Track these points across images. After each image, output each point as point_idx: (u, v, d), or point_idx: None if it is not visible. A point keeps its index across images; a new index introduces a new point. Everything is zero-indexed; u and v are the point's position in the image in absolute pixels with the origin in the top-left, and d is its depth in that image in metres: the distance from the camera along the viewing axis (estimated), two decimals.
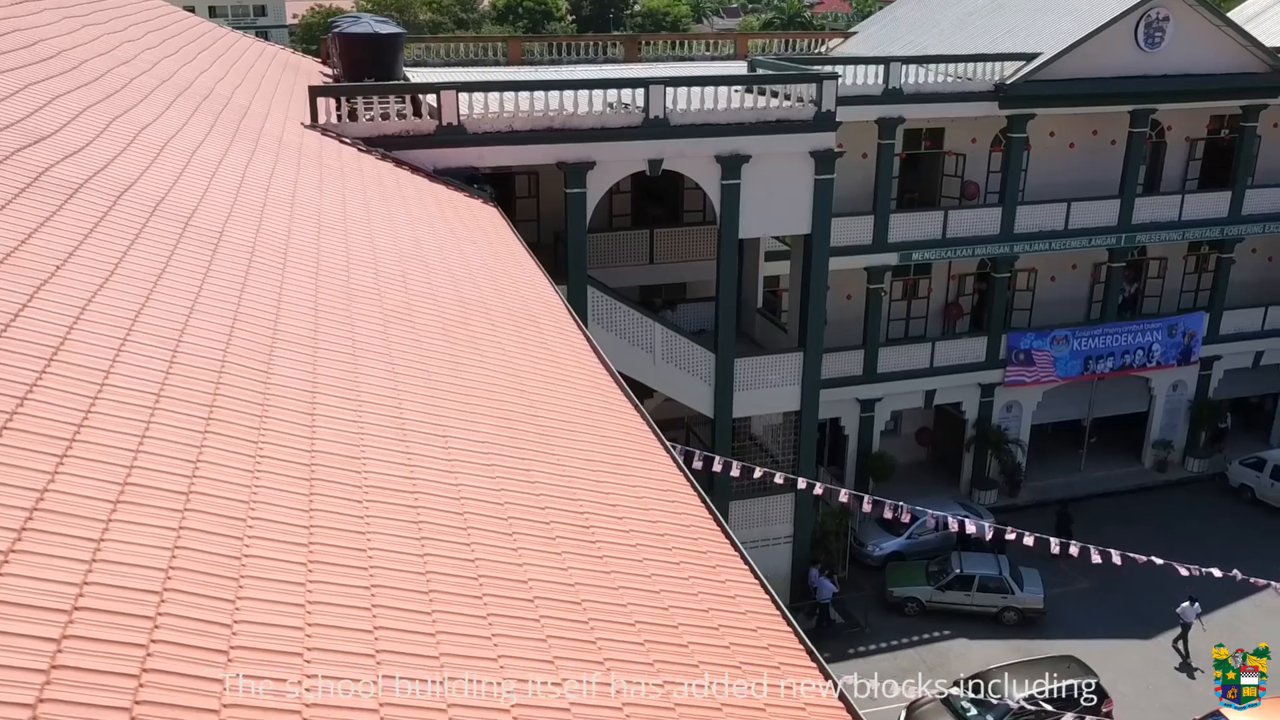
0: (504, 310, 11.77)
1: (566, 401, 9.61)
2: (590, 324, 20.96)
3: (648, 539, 7.31)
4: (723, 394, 22.42)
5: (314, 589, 4.91)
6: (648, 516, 7.73)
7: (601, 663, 5.48)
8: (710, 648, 6.19)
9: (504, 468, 7.37)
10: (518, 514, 6.76)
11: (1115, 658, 23.16)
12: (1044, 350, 29.31)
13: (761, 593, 7.27)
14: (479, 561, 5.90)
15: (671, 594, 6.65)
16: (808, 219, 21.79)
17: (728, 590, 7.14)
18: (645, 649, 5.83)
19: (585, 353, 11.66)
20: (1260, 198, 30.15)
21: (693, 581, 6.98)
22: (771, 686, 6.15)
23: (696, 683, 5.72)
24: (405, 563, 5.53)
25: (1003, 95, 26.25)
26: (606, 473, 8.20)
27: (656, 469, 8.90)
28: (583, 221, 20.47)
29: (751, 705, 5.72)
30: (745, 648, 6.38)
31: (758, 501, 23.79)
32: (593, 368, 11.18)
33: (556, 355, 11.01)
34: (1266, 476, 29.67)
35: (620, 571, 6.63)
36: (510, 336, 10.87)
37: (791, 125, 21.04)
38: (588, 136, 19.90)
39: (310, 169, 14.68)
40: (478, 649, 5.05)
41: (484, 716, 4.58)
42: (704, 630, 6.39)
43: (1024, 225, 28.03)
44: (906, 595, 24.64)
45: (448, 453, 7.20)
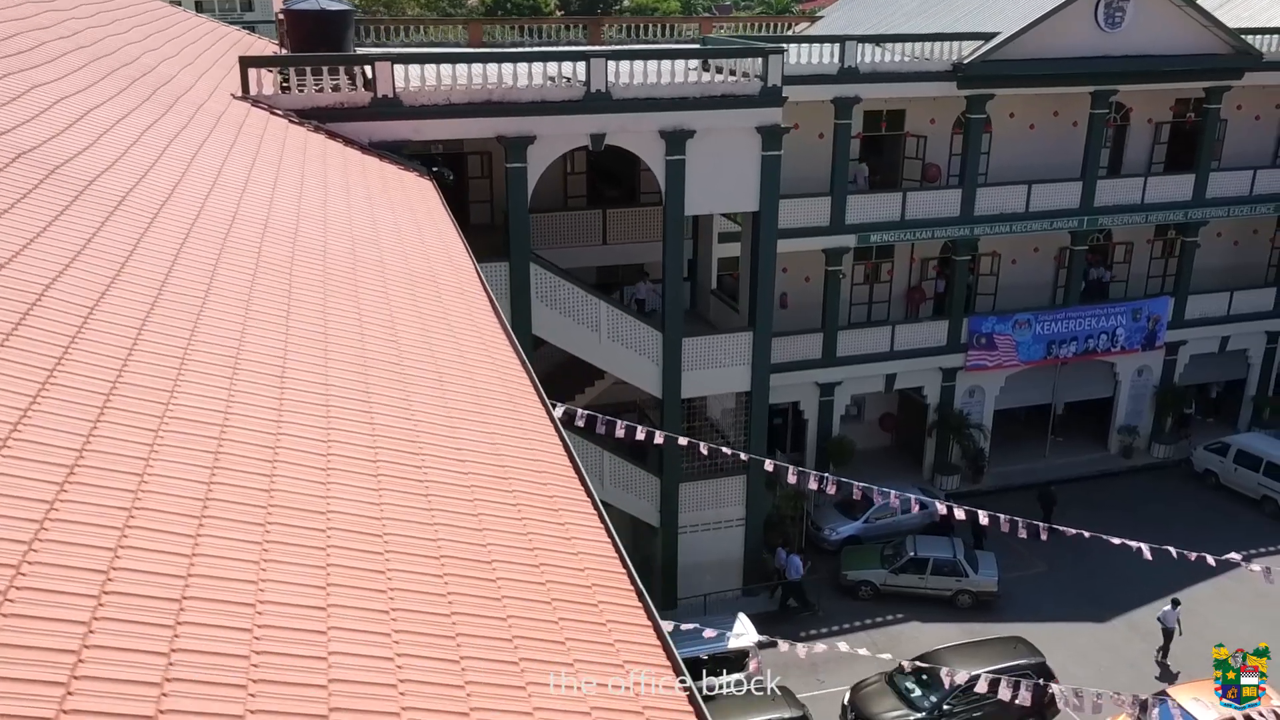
0: (401, 270, 11.51)
1: (443, 354, 9.35)
2: (534, 302, 20.82)
3: (487, 479, 7.07)
4: (671, 374, 22.18)
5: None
6: (497, 460, 7.48)
7: (384, 591, 5.23)
8: (524, 583, 5.94)
9: (341, 409, 7.11)
10: (341, 450, 6.51)
11: (1068, 640, 22.97)
12: (1006, 334, 29.09)
13: (603, 536, 7.02)
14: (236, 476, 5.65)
15: (496, 532, 6.41)
16: (755, 196, 21.55)
17: (565, 532, 6.90)
18: (444, 580, 5.59)
19: (484, 314, 11.40)
20: (1225, 181, 29.95)
21: (526, 522, 6.74)
22: (595, 625, 5.92)
23: (497, 616, 5.49)
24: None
25: (960, 75, 26.02)
26: (463, 419, 7.95)
27: (525, 419, 8.65)
28: (524, 197, 20.22)
29: (551, 637, 5.48)
30: (566, 585, 6.14)
31: (709, 484, 23.59)
32: (486, 328, 10.92)
33: (448, 313, 10.75)
34: (1230, 461, 29.48)
35: (444, 510, 6.39)
36: (400, 293, 10.61)
37: (737, 100, 20.79)
38: (527, 110, 19.65)
39: (225, 134, 14.41)
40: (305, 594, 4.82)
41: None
42: (525, 568, 6.14)
43: (984, 207, 27.81)
44: (860, 579, 24.43)
45: (281, 393, 6.95)
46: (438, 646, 4.99)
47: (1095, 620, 23.90)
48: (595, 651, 5.59)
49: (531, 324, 20.94)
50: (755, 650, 20.50)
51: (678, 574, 23.74)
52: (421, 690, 4.60)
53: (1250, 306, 31.53)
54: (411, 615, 5.15)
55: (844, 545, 26.00)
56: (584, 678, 5.26)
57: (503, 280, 20.58)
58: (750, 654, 20.38)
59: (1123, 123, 30.47)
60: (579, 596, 6.11)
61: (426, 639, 5.01)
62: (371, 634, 4.86)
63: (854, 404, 31.01)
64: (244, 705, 4.00)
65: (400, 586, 5.36)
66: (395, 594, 5.27)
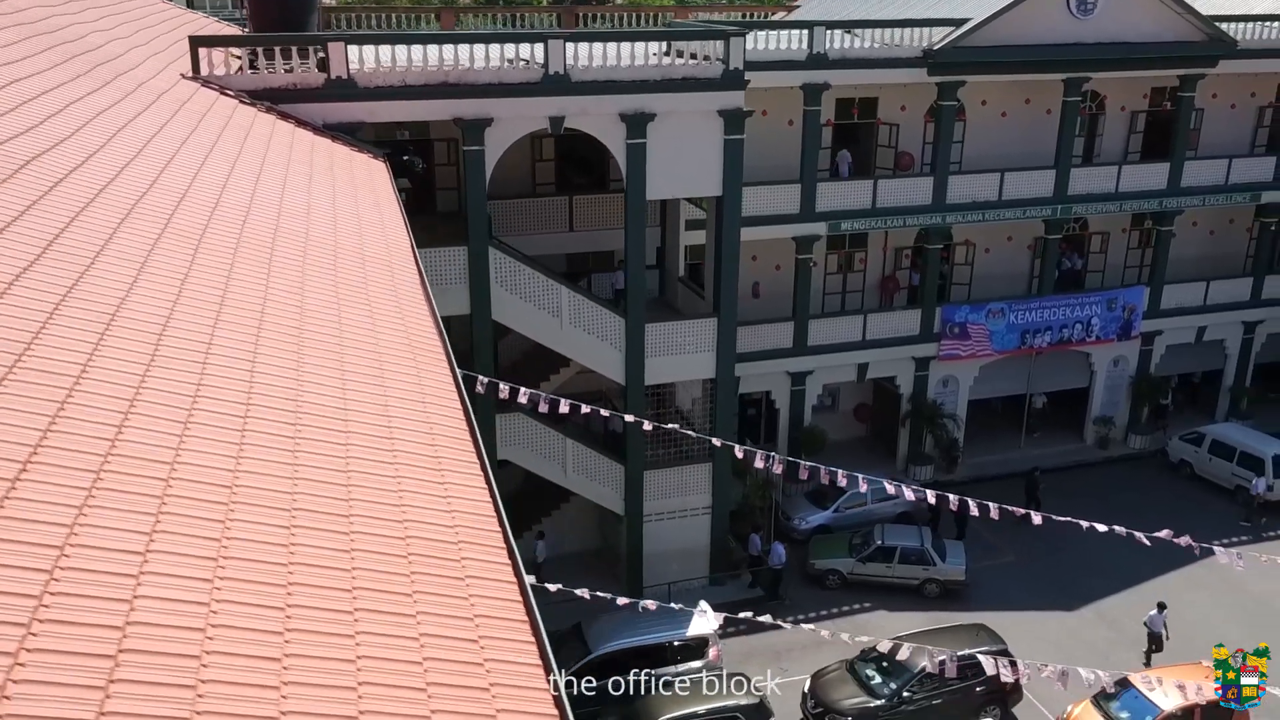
0: (327, 243, 11.32)
1: (352, 321, 9.17)
2: (494, 287, 20.64)
3: (368, 438, 6.89)
4: (634, 360, 21.99)
5: None
6: (383, 420, 7.30)
7: (219, 539, 5.05)
8: (381, 537, 5.76)
9: (220, 366, 6.94)
10: (208, 405, 6.34)
11: (1036, 629, 22.80)
12: (979, 323, 28.92)
13: (485, 497, 6.83)
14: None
15: (365, 487, 6.23)
16: (718, 180, 21.37)
17: (445, 491, 6.72)
18: (290, 532, 5.41)
19: (409, 288, 11.20)
20: (1200, 169, 29.79)
21: (402, 480, 6.55)
22: (454, 579, 5.74)
23: (340, 566, 5.31)
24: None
25: (931, 62, 25.85)
26: (357, 381, 7.77)
27: (428, 385, 8.46)
28: (482, 180, 20.04)
29: (398, 589, 5.30)
30: (429, 540, 5.96)
31: (674, 471, 23.43)
32: (408, 300, 10.72)
33: (369, 284, 10.56)
34: (1205, 451, 29.32)
35: (311, 465, 6.21)
36: (320, 264, 10.43)
37: (698, 83, 20.62)
38: (485, 92, 19.46)
39: (163, 110, 14.22)
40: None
41: None
42: (387, 523, 5.96)
43: (957, 195, 27.63)
44: (828, 568, 24.25)
45: (155, 349, 6.77)
46: (265, 594, 4.81)
47: (1064, 609, 23.73)
48: (446, 605, 5.41)
49: (491, 309, 20.76)
50: (716, 638, 20.32)
51: (643, 562, 23.55)
52: (233, 635, 4.42)
53: (1226, 296, 31.38)
54: (242, 563, 4.97)
55: (813, 535, 25.80)
56: (425, 628, 5.09)
57: (461, 265, 20.43)
58: (710, 641, 20.20)
59: (1097, 111, 30.30)
60: (442, 552, 5.93)
61: (254, 586, 4.83)
62: (192, 579, 4.68)
63: (828, 394, 30.84)
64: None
65: (238, 535, 5.19)
66: (231, 542, 5.10)
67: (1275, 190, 30.62)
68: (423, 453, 7.17)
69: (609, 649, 19.54)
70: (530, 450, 22.13)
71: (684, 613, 20.71)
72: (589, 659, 19.40)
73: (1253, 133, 32.03)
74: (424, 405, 8.01)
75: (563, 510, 24.63)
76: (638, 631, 19.94)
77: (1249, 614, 23.66)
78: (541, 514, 24.75)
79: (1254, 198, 30.58)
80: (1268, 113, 31.69)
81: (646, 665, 19.55)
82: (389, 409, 7.60)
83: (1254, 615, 23.61)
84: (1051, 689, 20.34)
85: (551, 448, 22.28)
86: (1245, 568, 15.19)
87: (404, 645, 4.87)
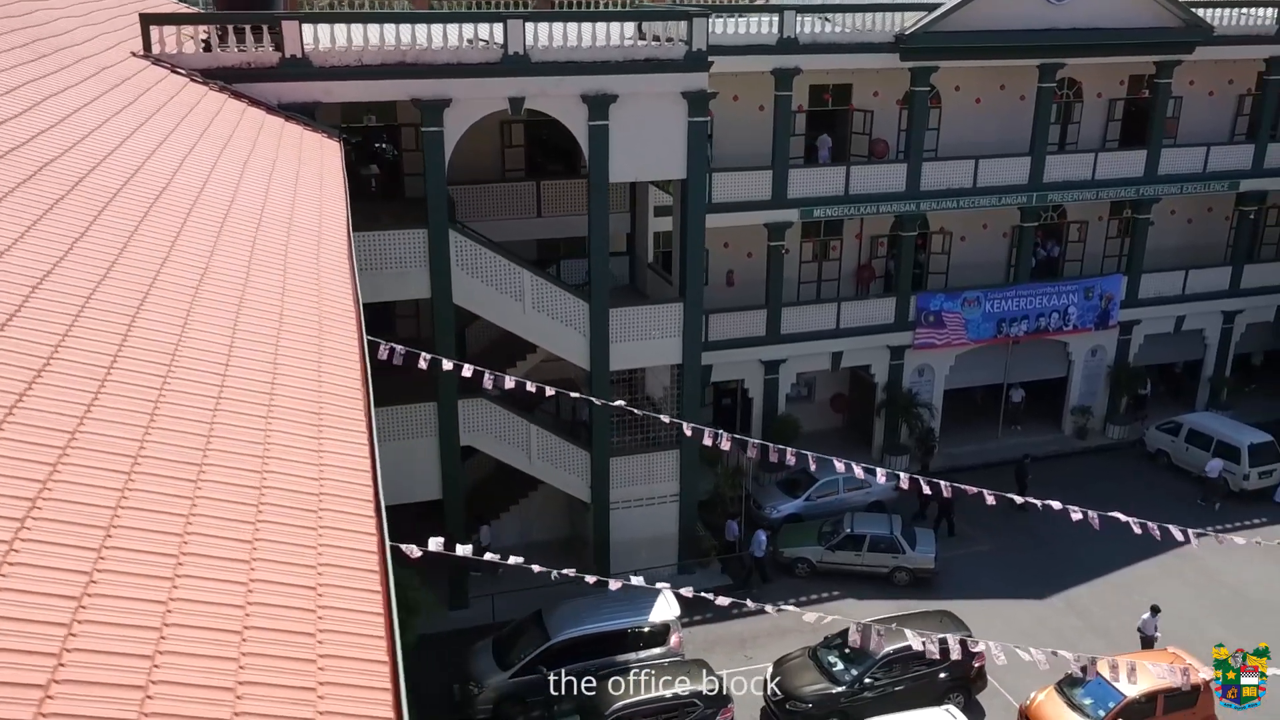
0: (252, 212, 11.10)
1: (260, 286, 8.95)
2: (455, 270, 20.42)
3: (245, 394, 6.68)
4: (598, 345, 21.76)
5: None
6: (266, 378, 7.09)
7: (42, 481, 4.84)
8: (233, 486, 5.55)
9: (96, 319, 6.72)
10: (70, 355, 6.12)
11: (1005, 616, 22.58)
12: (954, 312, 28.71)
13: (366, 466, 6.57)
14: None
15: (228, 439, 6.02)
16: (682, 163, 21.15)
17: (320, 447, 6.50)
18: (129, 477, 5.20)
19: (334, 260, 10.94)
20: (1177, 157, 29.58)
21: (272, 434, 6.34)
22: (306, 529, 5.53)
23: (176, 512, 5.09)
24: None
25: (903, 47, 25.62)
26: (248, 342, 7.56)
27: (329, 350, 8.23)
28: (441, 162, 19.81)
29: (240, 537, 5.09)
30: (288, 491, 5.74)
31: (641, 458, 23.20)
32: (330, 271, 10.48)
33: (287, 252, 10.34)
34: (1181, 441, 29.11)
35: (169, 416, 6.00)
36: (240, 231, 10.21)
37: (661, 64, 20.39)
38: (443, 72, 19.24)
39: (100, 84, 13.99)
40: None
41: None
42: (244, 473, 5.75)
43: (931, 182, 27.41)
44: (797, 556, 24.03)
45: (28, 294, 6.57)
46: (80, 535, 4.59)
47: (1034, 598, 23.51)
48: (291, 552, 5.20)
49: (453, 293, 20.54)
50: (677, 624, 20.10)
51: (610, 550, 23.32)
52: (36, 573, 4.21)
53: (1205, 286, 31.17)
54: (65, 505, 4.76)
55: (784, 524, 25.57)
56: (257, 574, 4.87)
57: (421, 248, 20.20)
58: (672, 628, 19.98)
59: (1074, 98, 30.08)
60: (299, 503, 5.71)
61: (68, 528, 4.61)
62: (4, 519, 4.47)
63: (804, 384, 30.65)
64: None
65: (67, 479, 4.97)
66: (54, 484, 4.88)
67: (1254, 178, 30.42)
68: (304, 409, 6.95)
69: (568, 636, 19.32)
70: (494, 436, 21.90)
71: (646, 595, 20.61)
72: (547, 645, 19.20)
73: (1232, 121, 31.83)
74: (319, 366, 7.79)
75: (531, 498, 24.41)
76: (598, 618, 19.72)
77: (1222, 602, 23.46)
78: (510, 502, 24.55)
79: (1232, 186, 30.36)
80: (1247, 101, 31.47)
81: (606, 652, 19.40)
82: (277, 367, 7.38)
83: (1227, 603, 23.42)
84: (1016, 676, 20.25)
85: (515, 433, 22.05)
86: (1198, 545, 14.87)
87: (227, 589, 4.66)
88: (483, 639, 20.68)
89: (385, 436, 21.19)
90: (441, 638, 21.55)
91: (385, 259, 20.12)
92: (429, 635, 21.41)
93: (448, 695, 19.88)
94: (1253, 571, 24.28)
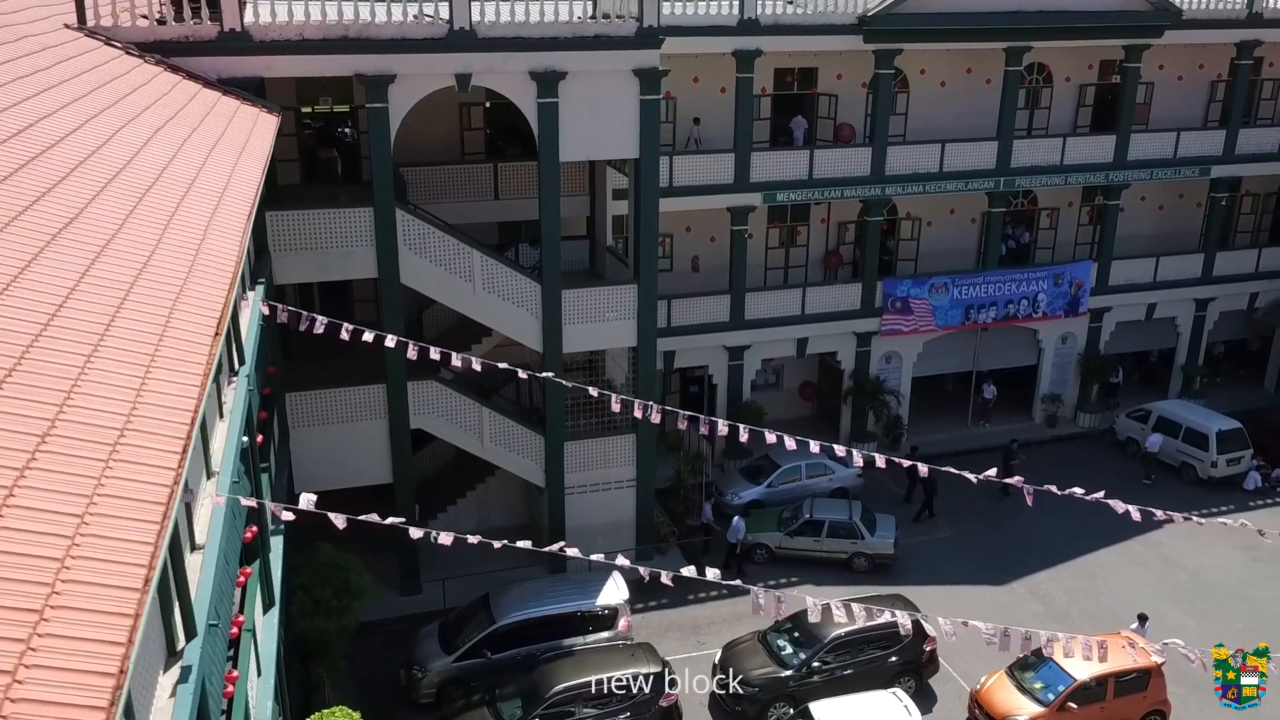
0: (149, 172, 10.83)
1: (134, 237, 8.69)
2: (402, 249, 20.16)
3: (72, 330, 6.41)
4: (551, 327, 21.47)
5: None
6: (100, 317, 6.81)
7: None
8: (19, 417, 5.28)
9: None
10: None
11: (963, 601, 22.28)
12: (922, 298, 28.45)
13: (185, 421, 6.26)
14: None
15: (27, 372, 5.74)
16: (634, 141, 20.87)
17: (141, 386, 6.23)
18: None
19: (229, 222, 10.63)
20: (1147, 143, 29.33)
21: (92, 371, 6.07)
22: (92, 460, 5.26)
23: None
24: None
25: (867, 29, 25.36)
26: (96, 286, 7.29)
27: (189, 303, 7.94)
28: (386, 139, 19.53)
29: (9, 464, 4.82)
30: (85, 424, 5.48)
31: (596, 442, 22.92)
32: (221, 235, 10.17)
33: (178, 209, 10.07)
34: (1150, 429, 28.82)
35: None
36: (124, 187, 9.94)
37: (611, 41, 20.11)
38: (387, 48, 18.96)
39: (16, 50, 13.72)
40: None
41: None
42: (39, 404, 5.48)
43: (896, 167, 27.15)
44: (756, 542, 23.74)
45: None
46: None
47: (994, 584, 23.27)
48: (67, 482, 4.93)
49: (400, 273, 20.26)
50: (626, 608, 19.83)
51: (565, 536, 22.99)
52: None
53: (1177, 273, 30.91)
54: None
55: (746, 510, 25.29)
56: (22, 498, 4.61)
57: (367, 227, 19.92)
58: (620, 612, 19.71)
59: (1044, 83, 29.81)
60: (96, 437, 5.44)
61: None
62: None
63: (771, 371, 30.40)
64: None
65: None
66: None
67: (1225, 164, 30.17)
68: (136, 351, 6.66)
69: (513, 619, 19.06)
70: (445, 419, 21.63)
71: (595, 579, 20.39)
72: (491, 629, 18.94)
73: (1205, 107, 31.57)
74: (169, 315, 7.51)
75: (487, 484, 24.13)
76: (544, 602, 19.47)
77: (1180, 587, 23.23)
78: (467, 487, 24.27)
79: (1203, 171, 30.11)
80: (1220, 87, 31.20)
81: (553, 636, 19.14)
82: (121, 310, 7.11)
83: (1185, 588, 23.18)
84: (968, 661, 20.02)
85: (467, 416, 21.78)
86: (1141, 518, 14.62)
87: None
88: (432, 624, 20.42)
89: (334, 418, 20.98)
90: (392, 623, 21.34)
91: (332, 238, 19.86)
92: (380, 621, 21.24)
93: (396, 681, 19.63)
94: (1211, 557, 24.05)
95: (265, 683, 13.25)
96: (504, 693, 17.78)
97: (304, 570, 17.79)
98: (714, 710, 19.22)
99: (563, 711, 17.24)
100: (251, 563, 13.74)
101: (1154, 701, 18.22)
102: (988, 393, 30.27)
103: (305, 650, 17.84)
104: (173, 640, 8.14)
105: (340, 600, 17.66)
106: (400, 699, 19.31)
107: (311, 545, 18.38)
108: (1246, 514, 25.85)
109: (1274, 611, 22.28)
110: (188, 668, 7.93)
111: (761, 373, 29.46)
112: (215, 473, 11.01)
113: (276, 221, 19.42)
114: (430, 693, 18.90)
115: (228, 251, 9.27)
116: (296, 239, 19.61)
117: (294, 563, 18.09)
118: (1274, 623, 21.70)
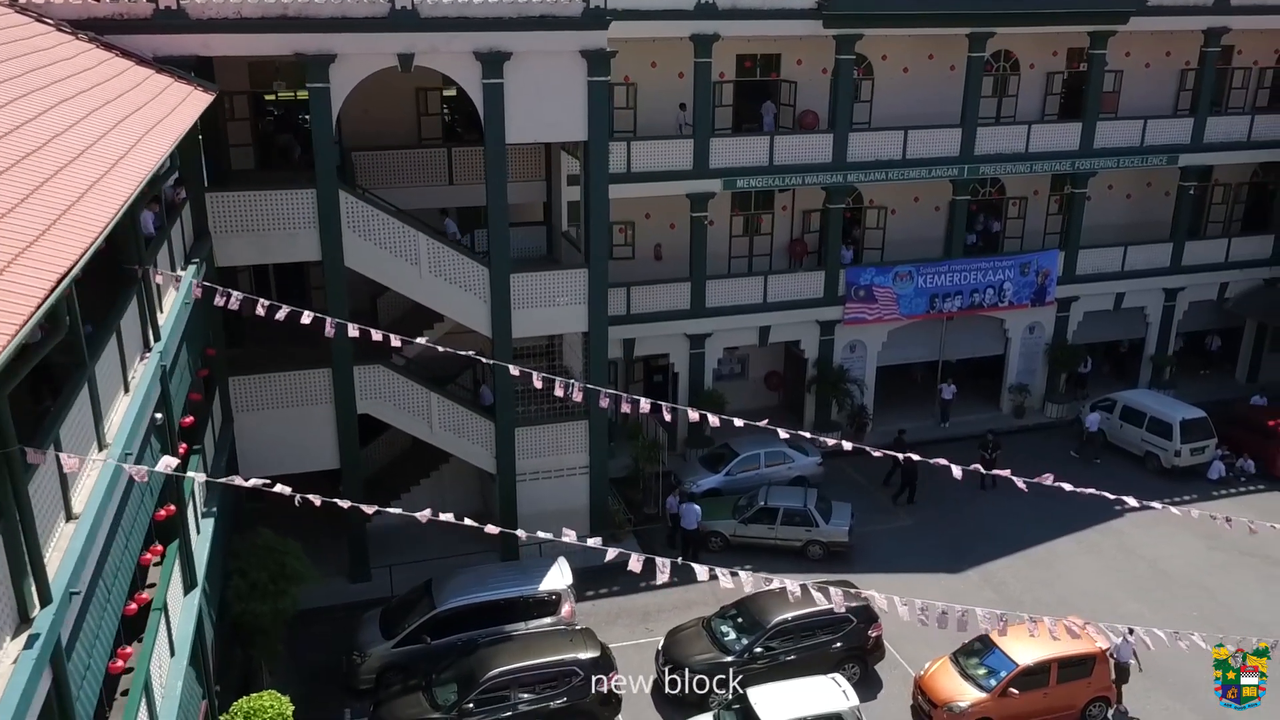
0: (34, 135, 10.62)
1: None
2: (346, 232, 19.99)
3: None
4: (500, 312, 21.28)
5: None
6: None
7: None
8: None
9: None
10: None
11: (916, 589, 21.86)
12: (886, 287, 28.25)
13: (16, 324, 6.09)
14: None
15: None
16: (583, 124, 20.66)
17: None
18: None
19: (113, 189, 10.35)
20: (1114, 130, 29.13)
21: None
22: None
23: None
24: None
25: (826, 13, 25.15)
26: None
27: (32, 259, 7.74)
28: (328, 119, 19.34)
29: None
30: None
31: (548, 429, 22.74)
32: (99, 199, 9.92)
33: (60, 173, 9.87)
34: (1116, 418, 28.65)
35: None
36: None
37: (558, 21, 19.89)
38: (327, 27, 18.76)
39: None
40: None
41: None
42: None
43: (859, 154, 26.96)
44: (711, 529, 23.55)
45: None
46: None
47: (949, 571, 23.09)
48: None
49: (344, 255, 20.06)
50: (569, 594, 19.64)
51: (517, 524, 22.80)
52: None
53: (1145, 262, 30.71)
54: None
55: (704, 498, 25.08)
56: None
57: (310, 208, 19.72)
58: (563, 598, 19.52)
59: (1010, 71, 29.61)
60: None
61: None
62: None
63: (736, 361, 30.24)
64: None
65: None
66: None
67: (1193, 152, 29.98)
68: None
69: (454, 605, 18.87)
70: (392, 404, 21.43)
71: (539, 565, 20.24)
72: (431, 614, 18.75)
73: (1175, 96, 31.36)
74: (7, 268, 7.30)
75: (443, 471, 23.93)
76: (486, 588, 19.28)
77: (1137, 576, 23.05)
78: (422, 475, 24.08)
79: (1171, 160, 29.90)
80: (1190, 75, 30.99)
81: (494, 621, 18.96)
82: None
83: (1142, 577, 23.01)
84: (915, 647, 19.84)
85: (415, 401, 21.57)
86: (1099, 506, 14.45)
87: None
88: (375, 609, 20.24)
89: (280, 403, 20.77)
90: (339, 610, 21.15)
91: (274, 220, 19.66)
92: (328, 608, 21.06)
93: (339, 666, 19.45)
94: (1170, 546, 23.87)
95: (178, 663, 13.06)
96: (440, 677, 17.59)
97: (241, 554, 17.61)
98: (656, 696, 19.03)
99: (498, 696, 17.06)
100: (168, 542, 13.56)
101: (1098, 688, 18.02)
102: (946, 393, 29.88)
103: (242, 635, 17.66)
104: (25, 607, 7.95)
105: (276, 584, 17.46)
106: (341, 685, 19.12)
107: (254, 530, 18.23)
108: (1209, 503, 25.69)
109: (1230, 600, 22.10)
110: (35, 635, 7.76)
111: (726, 362, 29.29)
112: (108, 444, 10.83)
113: (217, 203, 19.22)
114: (370, 678, 18.71)
115: (99, 214, 9.06)
116: (238, 221, 19.41)
117: (234, 547, 17.94)
118: (1229, 611, 21.53)
